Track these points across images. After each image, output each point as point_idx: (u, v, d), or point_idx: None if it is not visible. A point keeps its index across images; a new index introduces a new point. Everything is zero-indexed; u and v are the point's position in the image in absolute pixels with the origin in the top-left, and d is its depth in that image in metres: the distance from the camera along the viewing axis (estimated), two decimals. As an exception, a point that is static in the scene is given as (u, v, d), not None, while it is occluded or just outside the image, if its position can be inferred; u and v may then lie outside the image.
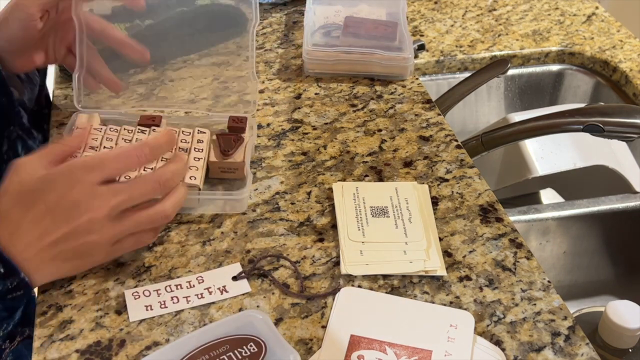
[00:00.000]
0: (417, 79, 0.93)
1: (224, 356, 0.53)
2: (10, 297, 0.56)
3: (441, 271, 0.64)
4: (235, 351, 0.53)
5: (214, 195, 0.71)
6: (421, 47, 1.09)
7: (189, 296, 0.61)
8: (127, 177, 0.65)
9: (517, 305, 0.61)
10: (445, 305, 0.61)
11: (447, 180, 0.75)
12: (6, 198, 0.57)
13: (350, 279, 0.63)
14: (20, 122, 0.82)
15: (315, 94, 0.90)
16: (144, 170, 0.67)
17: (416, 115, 0.86)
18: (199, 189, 0.70)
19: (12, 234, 0.56)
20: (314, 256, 0.66)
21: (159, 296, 0.61)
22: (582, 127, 0.80)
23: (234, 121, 0.77)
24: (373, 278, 0.63)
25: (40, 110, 0.86)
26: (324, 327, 0.59)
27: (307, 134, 0.82)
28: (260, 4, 1.11)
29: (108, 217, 0.57)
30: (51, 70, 0.92)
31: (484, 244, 0.67)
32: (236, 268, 0.64)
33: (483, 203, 0.72)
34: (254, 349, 0.53)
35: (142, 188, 0.59)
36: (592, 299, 0.96)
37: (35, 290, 0.59)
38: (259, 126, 0.83)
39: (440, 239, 0.67)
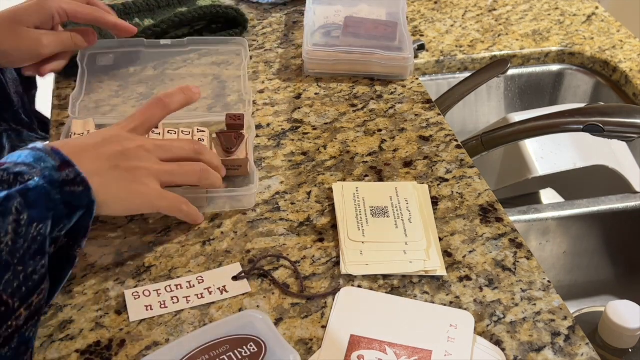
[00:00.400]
0: (417, 79, 0.92)
1: (224, 356, 0.53)
2: (69, 190, 0.53)
3: (441, 271, 0.64)
4: (235, 351, 0.53)
5: (223, 193, 0.70)
6: (421, 47, 1.09)
7: (189, 296, 0.61)
8: None
9: (517, 305, 0.61)
10: (445, 305, 0.61)
11: (447, 180, 0.75)
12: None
13: (350, 279, 0.63)
14: (16, 116, 0.83)
15: (315, 94, 0.90)
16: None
17: (416, 115, 0.86)
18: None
19: (67, 141, 0.61)
20: (314, 256, 0.65)
21: (159, 296, 0.61)
22: (582, 127, 0.80)
23: (232, 118, 0.76)
24: (373, 278, 0.63)
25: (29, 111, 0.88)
26: (324, 327, 0.59)
27: (307, 134, 0.82)
28: (260, 4, 1.12)
29: (154, 153, 0.62)
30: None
31: (484, 244, 0.67)
32: (236, 268, 0.64)
33: (483, 203, 0.72)
34: (254, 349, 0.53)
35: (179, 142, 0.66)
36: (592, 299, 0.96)
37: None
38: (259, 126, 0.83)
39: (440, 239, 0.67)
